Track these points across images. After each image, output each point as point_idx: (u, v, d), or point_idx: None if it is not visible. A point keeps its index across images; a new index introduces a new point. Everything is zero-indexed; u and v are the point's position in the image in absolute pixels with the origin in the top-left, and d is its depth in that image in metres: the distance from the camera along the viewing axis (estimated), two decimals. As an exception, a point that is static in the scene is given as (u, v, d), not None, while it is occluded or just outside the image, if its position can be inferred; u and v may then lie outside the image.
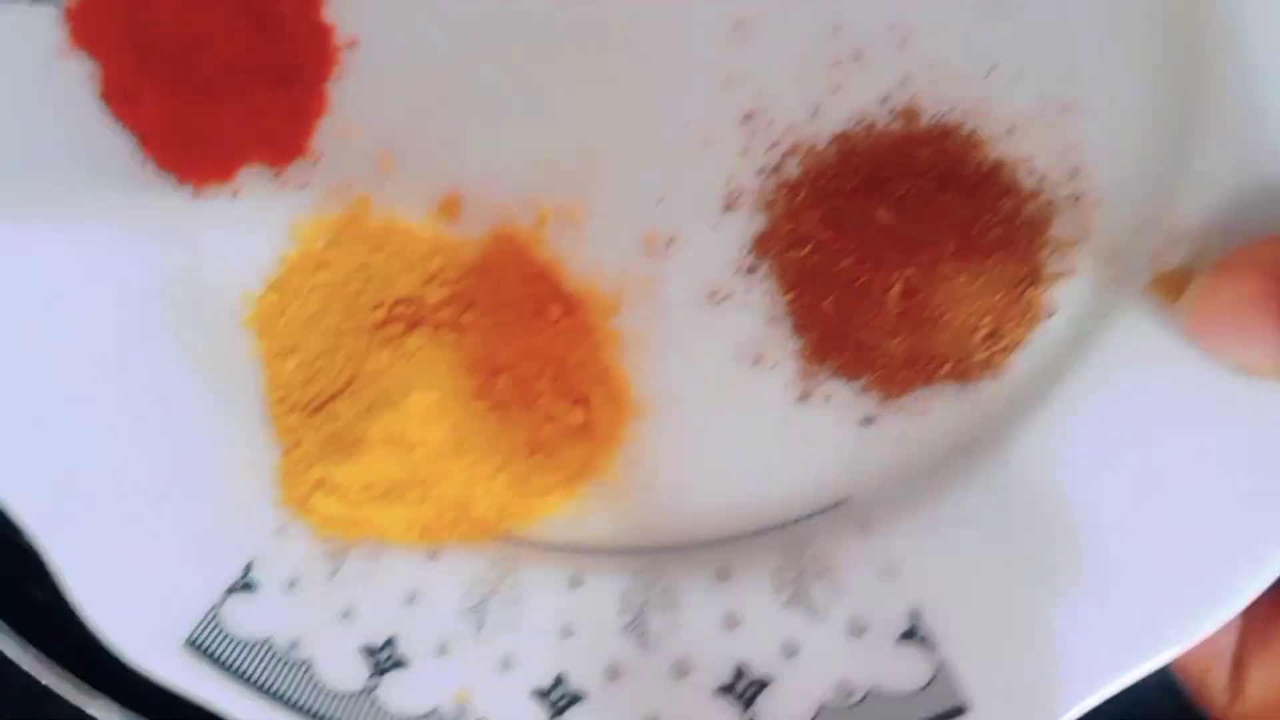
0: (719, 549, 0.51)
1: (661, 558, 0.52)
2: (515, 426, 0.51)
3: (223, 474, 0.51)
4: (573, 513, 0.53)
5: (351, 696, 0.48)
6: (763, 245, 0.53)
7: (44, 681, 0.56)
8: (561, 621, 0.50)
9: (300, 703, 0.48)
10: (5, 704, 0.75)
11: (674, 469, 0.53)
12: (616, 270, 0.54)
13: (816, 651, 0.48)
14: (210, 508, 0.51)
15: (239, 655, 0.49)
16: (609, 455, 0.53)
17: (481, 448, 0.51)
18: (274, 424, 0.53)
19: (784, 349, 0.52)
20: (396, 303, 0.53)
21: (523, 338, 0.52)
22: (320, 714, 0.48)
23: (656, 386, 0.53)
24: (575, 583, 0.51)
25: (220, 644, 0.49)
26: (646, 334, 0.53)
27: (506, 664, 0.49)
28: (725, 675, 0.48)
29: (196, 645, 0.48)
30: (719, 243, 0.53)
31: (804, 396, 0.52)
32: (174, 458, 0.51)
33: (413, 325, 0.52)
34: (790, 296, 0.52)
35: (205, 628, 0.48)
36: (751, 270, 0.53)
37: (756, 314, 0.53)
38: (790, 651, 0.49)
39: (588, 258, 0.54)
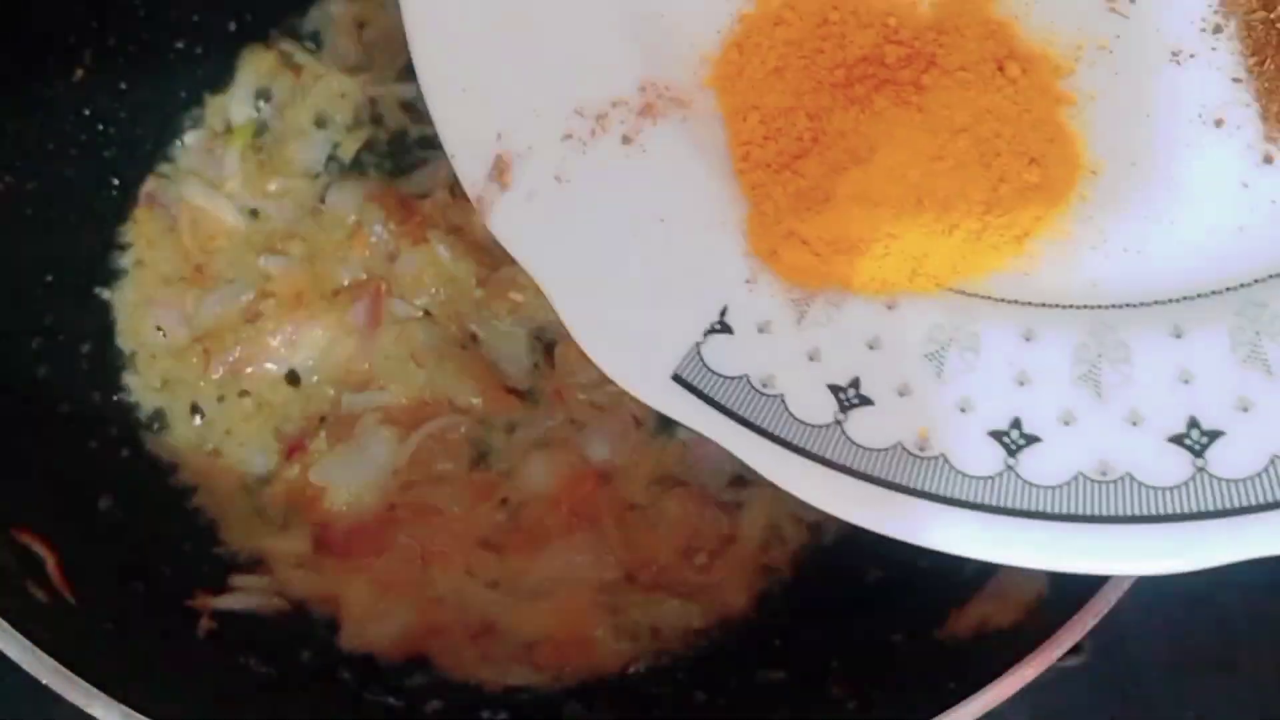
0: (1172, 307, 0.53)
1: (1114, 314, 0.53)
2: (972, 185, 0.53)
3: (697, 225, 0.55)
4: (1024, 268, 0.54)
5: (821, 429, 0.52)
6: (1231, 2, 0.54)
7: (44, 681, 0.55)
8: (1016, 371, 0.52)
9: (776, 432, 0.52)
10: (5, 704, 0.72)
11: (1127, 229, 0.54)
12: (1073, 30, 0.55)
13: (1272, 408, 0.50)
14: (688, 257, 0.54)
15: (719, 389, 0.53)
16: (1062, 214, 0.54)
17: (940, 205, 0.53)
18: (740, 180, 0.55)
19: (1248, 111, 0.54)
20: (857, 62, 0.55)
21: (982, 98, 0.54)
22: (793, 443, 0.52)
23: (1111, 147, 0.54)
24: (1029, 335, 0.53)
25: (702, 378, 0.53)
26: (1102, 94, 0.54)
27: (964, 406, 0.52)
28: (1177, 426, 0.51)
29: (681, 379, 0.53)
30: (1183, 2, 0.55)
31: (1267, 159, 0.54)
32: (653, 210, 0.55)
33: (878, 86, 0.54)
34: (1258, 59, 0.54)
35: (689, 363, 0.53)
36: (1217, 30, 0.55)
37: (1220, 75, 0.54)
38: (1244, 407, 0.51)
39: (1043, 17, 0.55)
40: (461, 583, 0.75)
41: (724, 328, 0.54)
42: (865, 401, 0.53)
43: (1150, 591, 0.55)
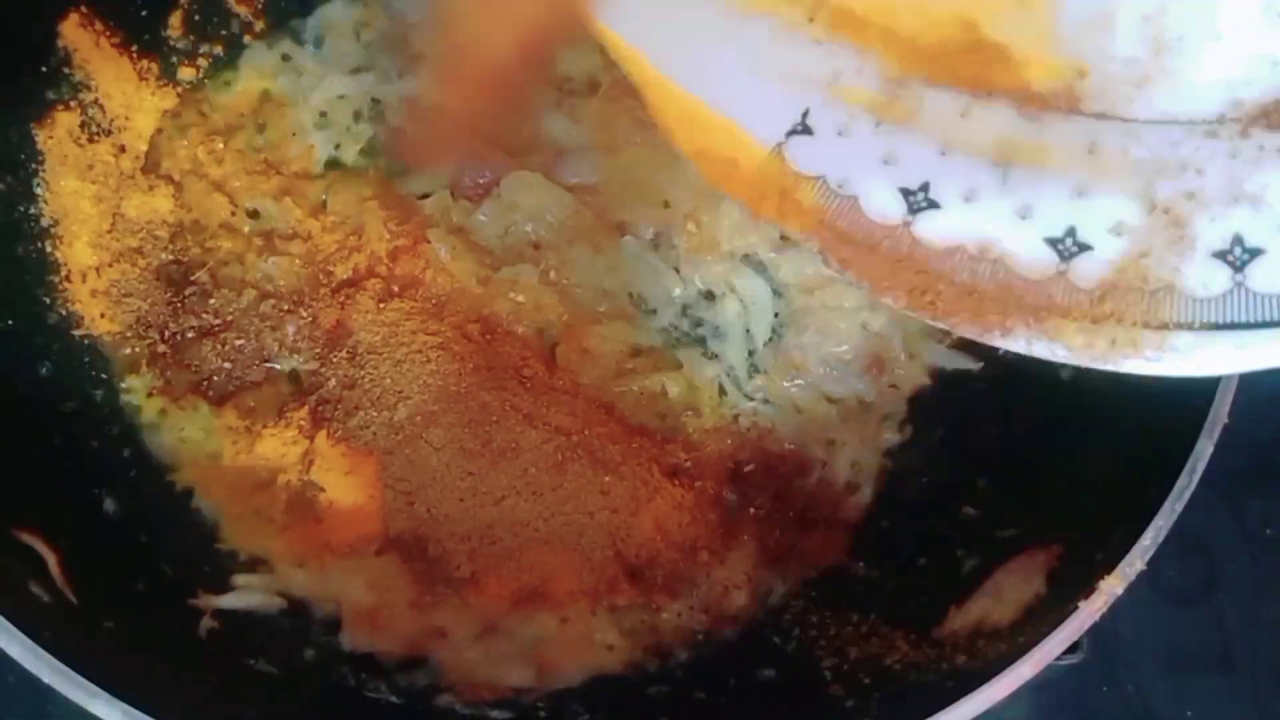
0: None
1: (1178, 132, 0.54)
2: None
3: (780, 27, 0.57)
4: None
5: (892, 228, 0.55)
6: None
7: (45, 680, 0.55)
8: (1077, 184, 0.54)
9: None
10: (6, 703, 0.72)
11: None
12: None
13: None
14: (772, 58, 0.57)
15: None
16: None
17: None
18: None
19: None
20: None
21: None
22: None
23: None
24: (1092, 149, 0.54)
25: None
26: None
27: (1024, 214, 0.54)
28: (1223, 243, 0.52)
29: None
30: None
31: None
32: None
33: None
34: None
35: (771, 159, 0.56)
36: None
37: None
38: None
39: None
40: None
41: (807, 130, 0.57)
42: (933, 205, 0.56)
43: (1147, 591, 0.55)
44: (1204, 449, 0.59)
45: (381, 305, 0.79)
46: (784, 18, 0.58)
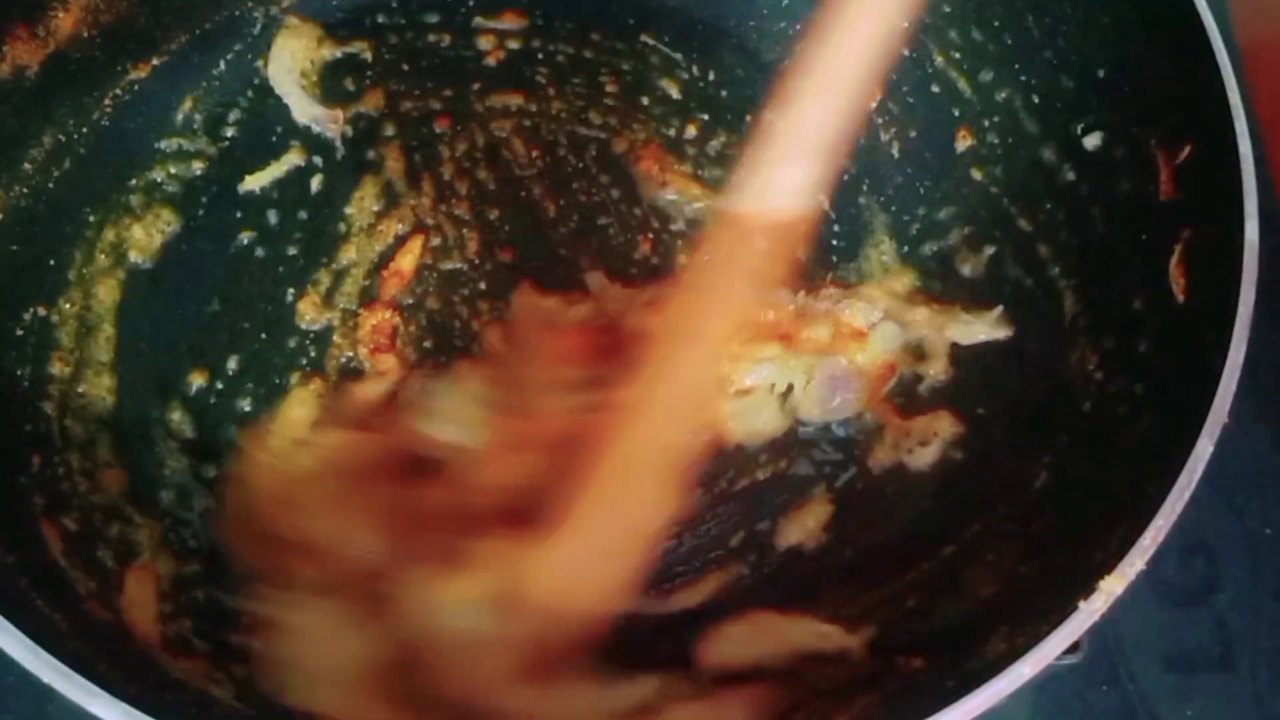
0: None
1: None
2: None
3: None
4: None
5: None
6: None
7: (44, 679, 0.54)
8: None
9: None
10: (5, 702, 0.72)
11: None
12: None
13: None
14: None
15: None
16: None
17: None
18: None
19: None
20: None
21: None
22: None
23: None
24: None
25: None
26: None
27: None
28: None
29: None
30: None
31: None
32: None
33: None
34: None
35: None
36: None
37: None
38: None
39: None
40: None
41: None
42: None
43: (1148, 590, 0.55)
44: (1204, 449, 0.59)
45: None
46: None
